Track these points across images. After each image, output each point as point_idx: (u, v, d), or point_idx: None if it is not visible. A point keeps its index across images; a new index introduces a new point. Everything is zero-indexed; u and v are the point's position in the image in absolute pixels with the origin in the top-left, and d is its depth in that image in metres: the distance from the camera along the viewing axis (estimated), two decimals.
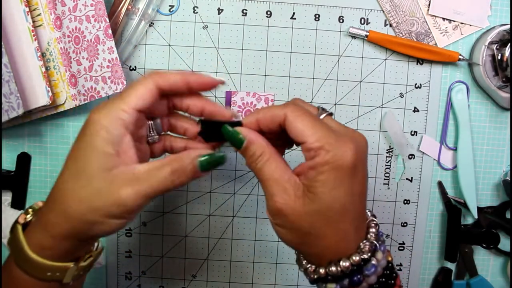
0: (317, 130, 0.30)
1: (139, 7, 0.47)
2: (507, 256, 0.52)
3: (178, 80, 0.32)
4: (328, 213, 0.30)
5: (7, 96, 0.43)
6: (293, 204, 0.30)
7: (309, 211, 0.30)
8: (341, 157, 0.30)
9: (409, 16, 0.50)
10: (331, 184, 0.30)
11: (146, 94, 0.31)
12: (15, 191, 0.50)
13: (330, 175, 0.30)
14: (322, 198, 0.30)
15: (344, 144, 0.30)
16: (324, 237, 0.31)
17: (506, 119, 0.52)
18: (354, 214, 0.31)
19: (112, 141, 0.30)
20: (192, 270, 0.52)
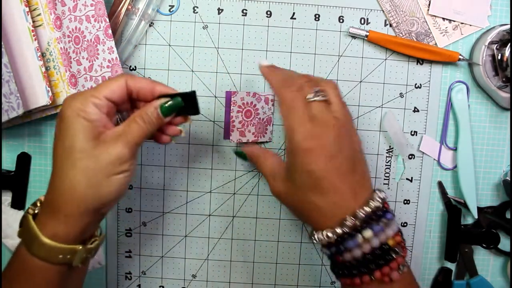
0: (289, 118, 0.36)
1: (139, 7, 0.47)
2: (507, 256, 0.52)
3: (145, 85, 0.37)
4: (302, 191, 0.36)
5: (7, 96, 0.43)
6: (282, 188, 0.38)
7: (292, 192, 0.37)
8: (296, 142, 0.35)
9: (409, 16, 0.50)
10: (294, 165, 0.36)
11: (117, 88, 0.36)
12: (15, 191, 0.50)
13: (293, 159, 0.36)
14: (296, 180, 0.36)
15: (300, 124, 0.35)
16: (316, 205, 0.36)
17: (506, 119, 0.52)
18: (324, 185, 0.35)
19: (92, 118, 0.34)
20: (192, 270, 0.52)
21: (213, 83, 0.50)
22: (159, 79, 0.50)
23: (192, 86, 0.50)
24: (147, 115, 0.36)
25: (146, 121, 0.36)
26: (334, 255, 0.35)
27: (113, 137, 0.35)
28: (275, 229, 0.52)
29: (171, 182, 0.51)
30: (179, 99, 0.37)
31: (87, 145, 0.33)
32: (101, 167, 0.33)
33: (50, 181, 0.35)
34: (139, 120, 0.36)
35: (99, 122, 0.34)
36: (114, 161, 0.34)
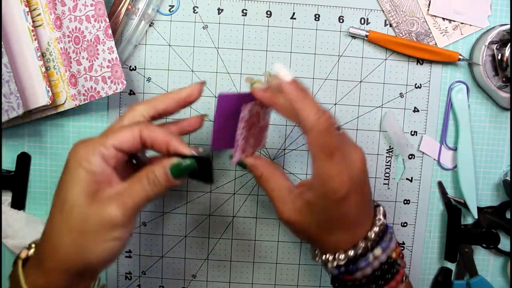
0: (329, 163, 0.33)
1: (139, 7, 0.47)
2: (507, 256, 0.52)
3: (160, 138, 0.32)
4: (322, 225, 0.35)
5: (7, 96, 0.43)
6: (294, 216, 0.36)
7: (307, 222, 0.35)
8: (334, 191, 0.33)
9: (409, 16, 0.50)
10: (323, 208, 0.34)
11: (129, 137, 0.32)
12: (15, 191, 0.50)
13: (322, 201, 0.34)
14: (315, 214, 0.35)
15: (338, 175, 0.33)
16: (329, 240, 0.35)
17: (506, 119, 0.52)
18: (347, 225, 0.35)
19: (92, 171, 0.31)
20: (192, 270, 0.52)
21: (213, 83, 0.50)
22: (159, 79, 0.50)
23: None
24: (154, 175, 0.32)
25: (151, 182, 0.32)
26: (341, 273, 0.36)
27: (109, 197, 0.31)
28: (275, 229, 0.52)
29: None
30: (193, 161, 0.32)
31: (80, 201, 0.30)
32: (90, 229, 0.30)
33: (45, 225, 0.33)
34: (144, 181, 0.32)
35: (101, 176, 0.31)
36: (104, 224, 0.30)
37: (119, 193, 0.31)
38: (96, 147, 0.31)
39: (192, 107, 0.50)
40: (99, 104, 0.50)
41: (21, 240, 0.48)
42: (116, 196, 0.31)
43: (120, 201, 0.31)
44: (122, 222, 0.30)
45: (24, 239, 0.48)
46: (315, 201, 0.34)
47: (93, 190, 0.31)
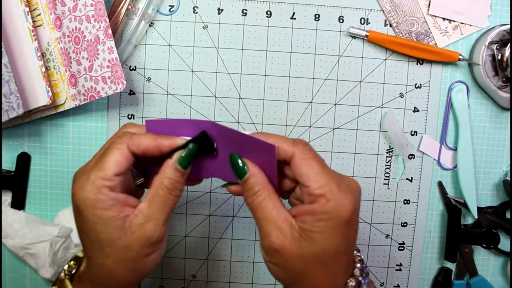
0: (323, 177, 0.31)
1: (139, 7, 0.47)
2: (507, 256, 0.52)
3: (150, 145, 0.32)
4: (322, 257, 0.31)
5: (7, 96, 0.43)
6: (289, 245, 0.31)
7: (304, 253, 0.31)
8: (341, 209, 0.30)
9: (409, 16, 0.50)
10: (328, 232, 0.31)
11: (122, 160, 0.32)
12: (15, 191, 0.50)
13: (328, 224, 0.30)
14: (318, 243, 0.31)
15: (345, 195, 0.31)
16: (315, 278, 0.32)
17: (506, 119, 0.52)
18: (346, 257, 0.32)
19: (108, 206, 0.31)
20: (192, 270, 0.52)
21: (213, 83, 0.50)
22: (159, 79, 0.50)
23: (192, 86, 0.50)
24: (169, 179, 0.32)
25: (170, 187, 0.32)
26: None
27: (140, 221, 0.32)
28: None
29: None
30: (191, 144, 0.33)
31: (115, 237, 0.31)
32: (135, 253, 0.32)
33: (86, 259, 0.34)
34: (162, 191, 0.32)
35: (118, 206, 0.32)
36: (146, 245, 0.32)
37: (146, 214, 0.32)
38: (99, 184, 0.31)
39: (192, 107, 0.50)
40: (99, 104, 0.50)
41: (21, 240, 0.48)
42: (145, 218, 0.32)
43: (151, 221, 0.32)
44: (160, 238, 0.32)
45: (24, 239, 0.48)
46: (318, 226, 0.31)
47: (120, 223, 0.32)
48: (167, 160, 0.33)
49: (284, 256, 0.31)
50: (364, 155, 0.51)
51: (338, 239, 0.31)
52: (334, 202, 0.30)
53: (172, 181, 0.32)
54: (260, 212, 0.32)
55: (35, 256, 0.48)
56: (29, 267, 0.50)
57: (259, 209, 0.32)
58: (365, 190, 0.52)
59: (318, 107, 0.51)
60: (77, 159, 0.50)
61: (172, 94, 0.50)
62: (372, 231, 0.52)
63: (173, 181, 0.32)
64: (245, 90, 0.50)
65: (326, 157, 0.51)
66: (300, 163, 0.31)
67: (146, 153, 0.33)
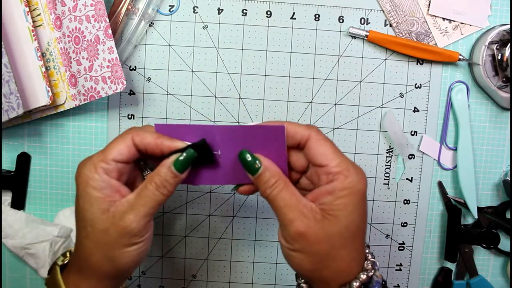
0: (338, 156, 0.33)
1: (139, 7, 0.47)
2: (507, 256, 0.52)
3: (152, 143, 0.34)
4: (346, 234, 0.32)
5: (7, 96, 0.43)
6: (314, 227, 0.32)
7: (329, 233, 0.32)
8: (358, 183, 0.32)
9: (409, 16, 0.50)
10: (350, 207, 0.32)
11: (124, 149, 0.34)
12: (15, 191, 0.50)
13: (349, 199, 0.32)
14: (341, 220, 0.32)
15: (359, 171, 0.33)
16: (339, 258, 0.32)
17: (506, 119, 0.52)
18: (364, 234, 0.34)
19: (99, 187, 0.33)
20: (192, 270, 0.52)
21: (213, 83, 0.50)
22: (159, 79, 0.50)
23: (192, 86, 0.50)
24: (160, 177, 0.33)
25: (160, 185, 0.33)
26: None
27: (123, 209, 0.33)
28: (274, 229, 0.52)
29: None
30: (191, 150, 0.33)
31: (97, 218, 0.33)
32: (112, 240, 0.33)
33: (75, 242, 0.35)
34: (151, 186, 0.33)
35: (109, 189, 0.33)
36: (124, 234, 0.33)
37: (131, 204, 0.33)
38: (97, 164, 0.33)
39: (192, 107, 0.50)
40: (99, 104, 0.50)
41: (21, 240, 0.48)
42: (129, 207, 0.33)
43: (134, 212, 0.33)
44: (138, 230, 0.33)
45: (24, 239, 0.48)
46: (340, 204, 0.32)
47: (105, 205, 0.33)
48: (165, 159, 0.34)
49: (310, 240, 0.32)
50: (364, 155, 0.51)
51: (358, 214, 0.32)
52: (352, 178, 0.32)
53: (162, 179, 0.33)
54: (281, 200, 0.33)
55: (35, 256, 0.48)
56: (29, 267, 0.50)
57: (279, 199, 0.33)
58: None
59: (318, 107, 0.51)
60: (77, 159, 0.50)
61: (172, 94, 0.50)
62: (372, 231, 0.52)
63: (163, 180, 0.33)
64: (245, 90, 0.50)
65: None
66: (316, 144, 0.33)
67: (148, 150, 0.34)
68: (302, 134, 0.34)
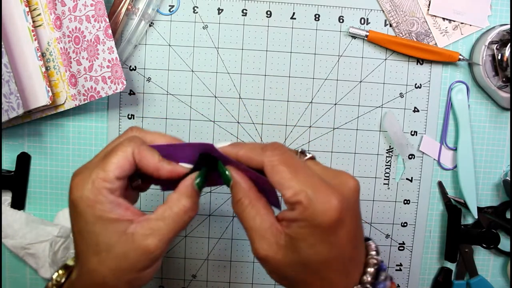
0: (295, 182, 0.28)
1: (139, 7, 0.47)
2: (507, 256, 0.52)
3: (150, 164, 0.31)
4: (310, 266, 0.29)
5: (7, 96, 0.43)
6: (274, 254, 0.29)
7: (290, 262, 0.29)
8: (321, 215, 0.28)
9: (409, 16, 0.50)
10: (311, 241, 0.28)
11: (126, 165, 0.31)
12: (15, 191, 0.50)
13: (310, 231, 0.28)
14: (302, 251, 0.29)
15: (326, 198, 0.28)
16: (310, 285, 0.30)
17: (506, 119, 0.52)
18: (341, 264, 0.29)
19: (110, 208, 0.30)
20: (192, 270, 0.52)
21: (213, 83, 0.50)
22: (159, 79, 0.50)
23: (192, 86, 0.50)
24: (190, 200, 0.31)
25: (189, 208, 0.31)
26: None
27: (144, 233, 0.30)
28: None
29: None
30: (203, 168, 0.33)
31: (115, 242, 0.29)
32: (131, 266, 0.30)
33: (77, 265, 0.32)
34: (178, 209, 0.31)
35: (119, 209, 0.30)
36: (145, 259, 0.30)
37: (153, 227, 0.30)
38: (100, 185, 0.30)
39: (192, 107, 0.50)
40: (99, 104, 0.50)
41: (21, 240, 0.48)
42: (151, 230, 0.30)
43: (158, 236, 0.30)
44: (160, 254, 0.31)
45: (24, 239, 0.48)
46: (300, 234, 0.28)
47: (123, 227, 0.30)
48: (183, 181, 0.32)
49: (272, 265, 0.30)
50: (364, 155, 0.51)
51: (323, 248, 0.28)
52: (312, 209, 0.28)
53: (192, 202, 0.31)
54: (243, 220, 0.31)
55: (35, 256, 0.48)
56: (29, 267, 0.50)
57: (242, 218, 0.31)
58: (365, 190, 0.52)
59: (318, 107, 0.51)
60: (77, 159, 0.50)
61: (172, 94, 0.50)
62: (372, 231, 0.52)
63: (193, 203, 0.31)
64: (245, 90, 0.50)
65: (326, 157, 0.51)
66: (270, 172, 0.29)
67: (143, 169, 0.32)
68: (256, 161, 0.30)
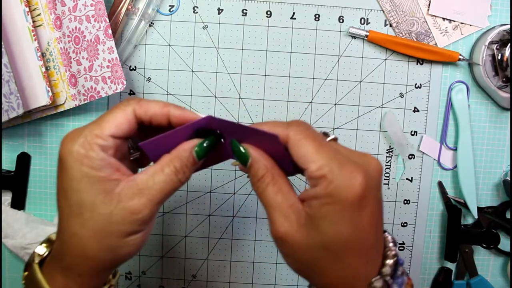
0: (321, 156, 0.27)
1: (139, 7, 0.47)
2: (507, 256, 0.52)
3: (158, 112, 0.30)
4: (331, 247, 0.27)
5: (7, 96, 0.43)
6: (294, 233, 0.28)
7: (311, 243, 0.28)
8: (345, 190, 0.26)
9: (409, 16, 0.50)
10: (334, 218, 0.27)
11: (123, 121, 0.29)
12: (15, 191, 0.50)
13: (333, 208, 0.27)
14: (324, 231, 0.27)
15: (350, 174, 0.27)
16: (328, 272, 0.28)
17: (506, 119, 0.52)
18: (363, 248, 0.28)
19: (99, 165, 0.28)
20: (192, 270, 0.52)
21: (213, 83, 0.50)
22: (159, 79, 0.50)
23: (192, 86, 0.50)
24: (182, 162, 0.29)
25: (180, 169, 0.29)
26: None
27: (131, 193, 0.28)
28: None
29: None
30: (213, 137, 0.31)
31: (99, 201, 0.28)
32: (115, 228, 0.28)
33: (58, 233, 0.30)
34: (169, 170, 0.29)
35: (108, 169, 0.28)
36: (130, 221, 0.28)
37: (142, 186, 0.28)
38: (92, 140, 0.28)
39: (192, 107, 0.50)
40: (99, 104, 0.50)
41: (21, 240, 0.48)
42: (139, 190, 0.28)
43: (146, 198, 0.28)
44: (148, 216, 0.29)
45: (24, 239, 0.48)
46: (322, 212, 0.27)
47: (107, 187, 0.28)
48: (184, 143, 0.30)
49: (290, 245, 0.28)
50: None
51: (346, 227, 0.27)
52: (337, 184, 0.26)
53: (182, 164, 0.29)
54: (265, 198, 0.29)
55: None
56: None
57: (264, 196, 0.29)
58: None
59: (318, 107, 0.51)
60: None
61: (172, 94, 0.50)
62: None
63: (184, 164, 0.30)
64: (245, 90, 0.50)
65: None
66: (295, 146, 0.28)
67: (153, 121, 0.30)
68: (280, 135, 0.29)
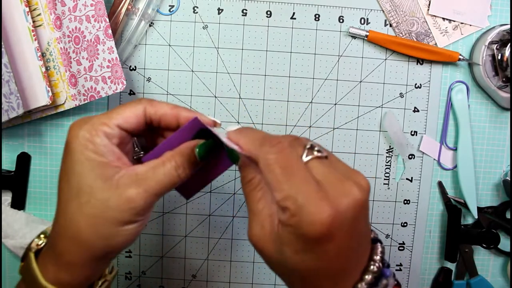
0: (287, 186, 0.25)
1: (139, 7, 0.47)
2: (507, 256, 0.52)
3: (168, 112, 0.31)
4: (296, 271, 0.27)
5: (7, 96, 0.43)
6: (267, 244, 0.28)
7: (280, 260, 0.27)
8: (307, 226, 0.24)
9: (409, 16, 0.50)
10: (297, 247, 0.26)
11: (132, 116, 0.30)
12: (15, 191, 0.50)
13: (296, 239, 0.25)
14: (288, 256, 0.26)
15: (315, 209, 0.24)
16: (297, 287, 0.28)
17: (506, 119, 0.52)
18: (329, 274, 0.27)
19: (102, 151, 0.29)
20: (192, 270, 0.52)
21: (213, 83, 0.50)
22: (159, 79, 0.50)
23: (192, 86, 0.50)
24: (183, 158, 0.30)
25: (180, 165, 0.29)
26: None
27: (130, 181, 0.28)
28: None
29: None
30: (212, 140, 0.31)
31: (98, 186, 0.28)
32: (111, 215, 0.28)
33: (54, 218, 0.30)
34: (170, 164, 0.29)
35: (111, 156, 0.29)
36: (126, 209, 0.28)
37: (141, 177, 0.29)
38: (98, 127, 0.29)
39: (192, 107, 0.50)
40: (99, 104, 0.50)
41: (21, 240, 0.48)
42: (138, 180, 0.29)
43: (143, 188, 0.28)
44: (144, 207, 0.29)
45: (24, 239, 0.48)
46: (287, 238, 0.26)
47: (108, 173, 0.28)
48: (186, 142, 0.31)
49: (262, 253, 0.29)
50: (364, 155, 0.51)
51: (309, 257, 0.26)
52: (299, 219, 0.25)
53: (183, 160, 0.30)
54: (248, 201, 0.29)
55: None
56: None
57: (248, 198, 0.30)
58: None
59: (318, 107, 0.51)
60: None
61: (172, 94, 0.50)
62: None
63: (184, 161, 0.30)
64: (245, 90, 0.50)
65: None
66: (264, 170, 0.27)
67: (163, 121, 0.31)
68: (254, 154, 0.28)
